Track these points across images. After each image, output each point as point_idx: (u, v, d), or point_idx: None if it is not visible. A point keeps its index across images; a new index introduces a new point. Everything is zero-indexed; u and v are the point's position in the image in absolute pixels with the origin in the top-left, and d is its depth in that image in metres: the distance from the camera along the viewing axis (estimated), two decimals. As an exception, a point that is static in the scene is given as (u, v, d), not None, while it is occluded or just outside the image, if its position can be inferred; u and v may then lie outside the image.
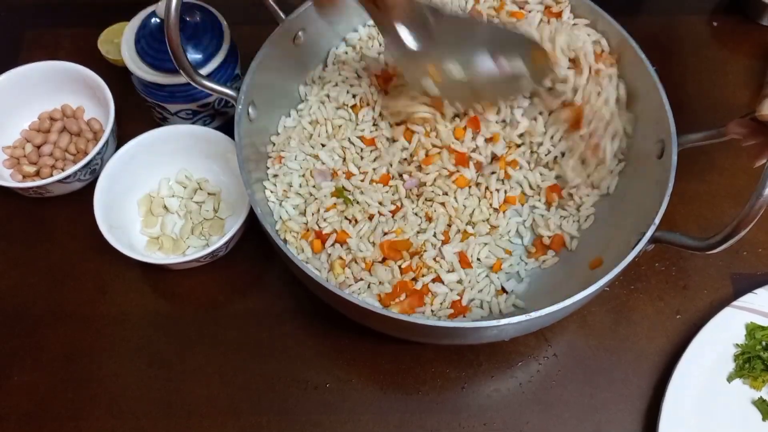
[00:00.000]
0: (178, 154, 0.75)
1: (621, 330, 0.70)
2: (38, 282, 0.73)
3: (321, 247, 0.65)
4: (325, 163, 0.69)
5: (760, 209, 0.50)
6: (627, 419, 0.66)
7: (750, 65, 0.86)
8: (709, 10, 0.91)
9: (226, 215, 0.75)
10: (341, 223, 0.66)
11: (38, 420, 0.66)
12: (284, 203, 0.68)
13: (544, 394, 0.67)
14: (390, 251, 0.65)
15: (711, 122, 0.62)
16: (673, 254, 0.74)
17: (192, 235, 0.74)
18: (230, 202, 0.75)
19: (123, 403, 0.67)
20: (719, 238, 0.53)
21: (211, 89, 0.65)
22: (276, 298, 0.72)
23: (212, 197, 0.75)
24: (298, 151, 0.70)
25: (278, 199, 0.68)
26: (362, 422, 0.66)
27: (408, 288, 0.63)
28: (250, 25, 0.71)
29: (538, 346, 0.69)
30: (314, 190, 0.68)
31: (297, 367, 0.68)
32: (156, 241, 0.73)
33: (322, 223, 0.66)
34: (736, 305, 0.69)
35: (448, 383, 0.68)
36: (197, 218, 0.74)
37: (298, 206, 0.68)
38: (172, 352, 0.69)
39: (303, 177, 0.69)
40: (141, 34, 0.73)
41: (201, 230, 0.74)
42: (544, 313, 0.55)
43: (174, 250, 0.72)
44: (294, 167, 0.69)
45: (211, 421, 0.66)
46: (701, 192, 0.78)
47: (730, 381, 0.67)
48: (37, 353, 0.69)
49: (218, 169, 0.76)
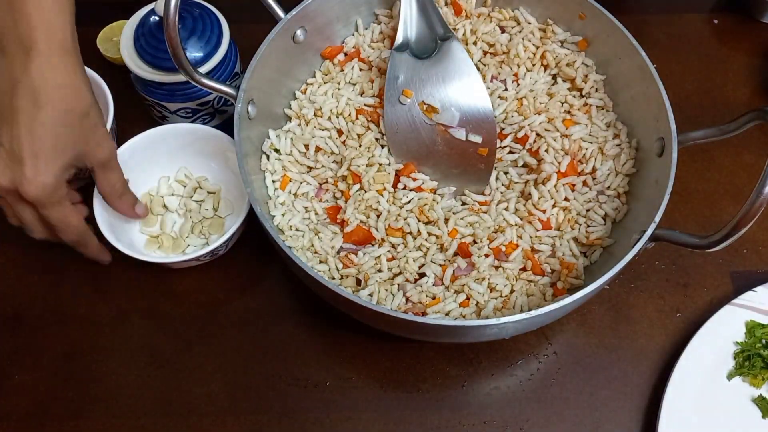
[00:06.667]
0: (177, 152, 0.75)
1: (621, 328, 0.70)
2: (38, 282, 0.73)
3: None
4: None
5: (760, 207, 0.50)
6: (627, 417, 0.66)
7: (750, 63, 0.86)
8: (710, 7, 0.91)
9: (226, 213, 0.74)
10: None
11: (38, 420, 0.66)
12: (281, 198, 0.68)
13: (544, 391, 0.67)
14: None
15: (711, 120, 0.63)
16: (673, 252, 0.74)
17: (192, 234, 0.74)
18: (230, 200, 0.75)
19: (123, 402, 0.67)
20: (719, 236, 0.53)
21: (210, 87, 0.64)
22: (276, 297, 0.72)
23: (212, 196, 0.75)
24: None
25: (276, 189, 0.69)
26: (362, 420, 0.66)
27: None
28: (249, 23, 0.71)
29: (539, 344, 0.69)
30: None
31: (297, 366, 0.68)
32: (156, 240, 0.73)
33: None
34: (736, 303, 0.69)
35: (449, 381, 0.68)
36: (197, 217, 0.74)
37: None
38: (172, 351, 0.69)
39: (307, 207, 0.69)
40: (140, 32, 0.72)
41: (201, 229, 0.74)
42: (545, 311, 0.55)
43: (174, 248, 0.72)
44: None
45: (211, 419, 0.66)
46: (701, 190, 0.78)
47: (730, 379, 0.67)
48: (37, 353, 0.69)
49: (217, 167, 0.76)
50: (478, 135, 0.69)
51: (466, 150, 0.70)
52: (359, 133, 0.71)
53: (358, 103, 0.72)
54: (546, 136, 0.69)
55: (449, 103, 0.70)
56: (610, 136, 0.70)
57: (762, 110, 0.57)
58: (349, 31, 0.77)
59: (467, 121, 0.70)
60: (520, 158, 0.70)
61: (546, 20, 0.76)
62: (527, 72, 0.74)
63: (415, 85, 0.70)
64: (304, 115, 0.71)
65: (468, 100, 0.70)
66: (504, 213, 0.67)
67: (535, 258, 0.65)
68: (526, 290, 0.65)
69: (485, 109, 0.70)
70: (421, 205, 0.67)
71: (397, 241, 0.66)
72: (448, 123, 0.70)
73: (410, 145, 0.70)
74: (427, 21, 0.72)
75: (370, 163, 0.69)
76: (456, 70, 0.70)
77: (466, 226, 0.67)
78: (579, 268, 0.65)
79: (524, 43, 0.74)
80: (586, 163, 0.69)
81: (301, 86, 0.74)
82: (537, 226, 0.66)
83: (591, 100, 0.72)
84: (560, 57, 0.74)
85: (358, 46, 0.76)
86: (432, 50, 0.71)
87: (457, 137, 0.70)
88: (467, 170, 0.70)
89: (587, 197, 0.68)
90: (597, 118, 0.72)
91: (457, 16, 0.76)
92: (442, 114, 0.70)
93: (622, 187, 0.69)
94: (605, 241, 0.66)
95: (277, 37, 0.68)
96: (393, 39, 0.72)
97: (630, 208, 0.68)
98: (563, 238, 0.66)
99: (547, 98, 0.72)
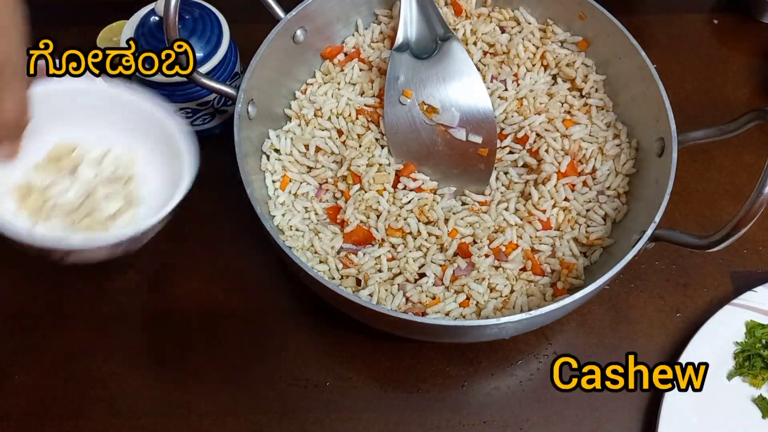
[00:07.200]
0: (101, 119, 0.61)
1: (621, 328, 0.70)
2: (38, 282, 0.73)
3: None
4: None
5: (760, 207, 0.50)
6: (627, 417, 0.66)
7: (750, 63, 0.86)
8: (710, 7, 0.91)
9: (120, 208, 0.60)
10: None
11: (38, 420, 0.66)
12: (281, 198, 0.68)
13: (544, 392, 0.67)
14: None
15: (711, 120, 0.63)
16: (673, 252, 0.74)
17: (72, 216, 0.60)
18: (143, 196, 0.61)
19: (123, 402, 0.67)
20: (719, 236, 0.54)
21: (210, 87, 0.65)
22: (276, 297, 0.72)
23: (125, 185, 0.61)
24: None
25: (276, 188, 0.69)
26: (362, 420, 0.66)
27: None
28: (249, 23, 0.71)
29: (539, 344, 0.69)
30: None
31: (297, 366, 0.68)
32: (24, 192, 0.59)
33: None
34: (736, 303, 0.69)
35: (449, 381, 0.68)
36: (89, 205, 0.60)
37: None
38: (172, 352, 0.69)
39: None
40: (140, 32, 0.72)
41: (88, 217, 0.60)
42: (545, 311, 0.55)
43: (37, 214, 0.59)
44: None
45: (211, 419, 0.66)
46: (701, 190, 0.78)
47: (730, 379, 0.67)
48: (37, 353, 0.69)
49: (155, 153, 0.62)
50: (478, 135, 0.69)
51: (466, 150, 0.70)
52: (359, 134, 0.71)
53: (358, 103, 0.72)
54: (546, 136, 0.69)
55: (449, 104, 0.70)
56: (610, 136, 0.70)
57: (762, 110, 0.57)
58: (349, 31, 0.77)
59: (467, 121, 0.70)
60: (520, 158, 0.70)
61: (546, 20, 0.76)
62: (527, 72, 0.74)
63: (415, 86, 0.70)
64: (304, 115, 0.71)
65: (468, 101, 0.70)
66: (504, 213, 0.67)
67: (535, 258, 0.65)
68: (526, 290, 0.65)
69: (485, 109, 0.70)
70: (421, 205, 0.67)
71: (397, 241, 0.66)
72: (448, 123, 0.70)
73: (410, 146, 0.70)
74: (427, 21, 0.72)
75: (370, 163, 0.69)
76: (456, 70, 0.70)
77: (466, 226, 0.67)
78: (579, 268, 0.65)
79: (524, 43, 0.74)
80: (586, 163, 0.69)
81: (301, 86, 0.74)
82: (537, 226, 0.66)
83: (591, 101, 0.73)
84: (560, 57, 0.74)
85: (358, 46, 0.76)
86: (432, 50, 0.71)
87: (458, 137, 0.70)
88: (467, 170, 0.70)
89: (587, 197, 0.68)
90: (597, 118, 0.72)
91: (457, 16, 0.76)
92: (442, 114, 0.70)
93: (622, 187, 0.69)
94: (605, 241, 0.66)
95: (277, 37, 0.68)
96: (393, 39, 0.72)
97: (630, 208, 0.68)
98: (563, 238, 0.66)
99: (547, 98, 0.72)
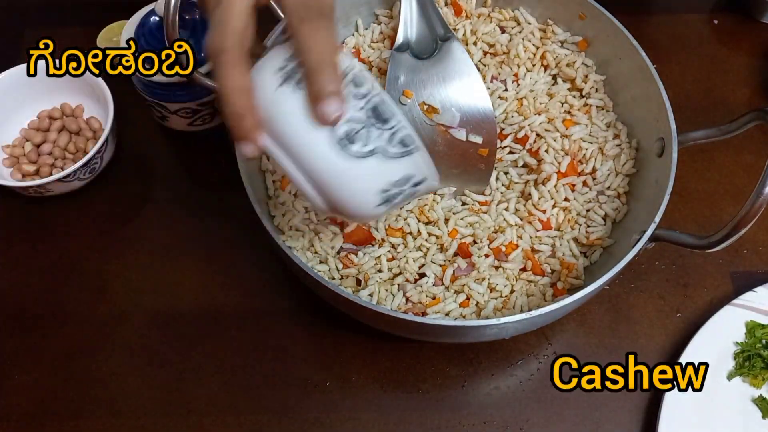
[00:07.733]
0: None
1: (621, 328, 0.70)
2: (38, 282, 0.73)
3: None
4: None
5: (760, 207, 0.50)
6: (627, 417, 0.66)
7: (750, 63, 0.86)
8: (710, 7, 0.91)
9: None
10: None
11: (38, 420, 0.66)
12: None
13: (544, 392, 0.67)
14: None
15: (711, 120, 0.63)
16: (673, 252, 0.74)
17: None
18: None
19: (123, 402, 0.67)
20: (719, 237, 0.54)
21: (210, 87, 0.64)
22: (276, 297, 0.72)
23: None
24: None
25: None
26: (362, 420, 0.66)
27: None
28: (249, 24, 0.71)
29: (539, 344, 0.69)
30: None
31: (297, 366, 0.68)
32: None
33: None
34: (736, 303, 0.69)
35: (449, 381, 0.68)
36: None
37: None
38: (172, 351, 0.69)
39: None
40: (140, 32, 0.72)
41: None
42: (545, 311, 0.55)
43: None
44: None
45: (211, 420, 0.66)
46: (701, 190, 0.78)
47: (730, 379, 0.67)
48: (37, 353, 0.69)
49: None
50: (478, 135, 0.69)
51: (467, 150, 0.70)
52: (359, 134, 0.71)
53: (358, 103, 0.72)
54: (546, 136, 0.69)
55: (449, 104, 0.70)
56: (610, 136, 0.70)
57: (762, 110, 0.57)
58: (349, 31, 0.77)
59: (467, 121, 0.70)
60: (520, 158, 0.70)
61: (546, 20, 0.76)
62: (527, 72, 0.74)
63: (415, 86, 0.70)
64: (305, 115, 0.71)
65: (468, 101, 0.70)
66: (504, 213, 0.67)
67: (535, 258, 0.65)
68: (526, 290, 0.65)
69: (485, 109, 0.70)
70: (421, 205, 0.67)
71: (397, 242, 0.66)
72: (448, 123, 0.70)
73: None
74: (427, 21, 0.72)
75: None
76: (456, 70, 0.70)
77: (466, 226, 0.67)
78: (579, 268, 0.65)
79: (524, 43, 0.74)
80: (586, 163, 0.69)
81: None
82: (537, 226, 0.66)
83: (591, 101, 0.73)
84: (560, 57, 0.74)
85: (358, 47, 0.76)
86: (432, 50, 0.71)
87: (458, 138, 0.70)
88: (467, 170, 0.70)
89: (587, 197, 0.68)
90: (597, 118, 0.72)
91: (457, 17, 0.76)
92: (442, 114, 0.70)
93: (622, 188, 0.69)
94: (605, 242, 0.66)
95: (278, 37, 0.68)
96: (393, 39, 0.72)
97: (630, 208, 0.68)
98: (563, 238, 0.67)
99: (547, 98, 0.72)
